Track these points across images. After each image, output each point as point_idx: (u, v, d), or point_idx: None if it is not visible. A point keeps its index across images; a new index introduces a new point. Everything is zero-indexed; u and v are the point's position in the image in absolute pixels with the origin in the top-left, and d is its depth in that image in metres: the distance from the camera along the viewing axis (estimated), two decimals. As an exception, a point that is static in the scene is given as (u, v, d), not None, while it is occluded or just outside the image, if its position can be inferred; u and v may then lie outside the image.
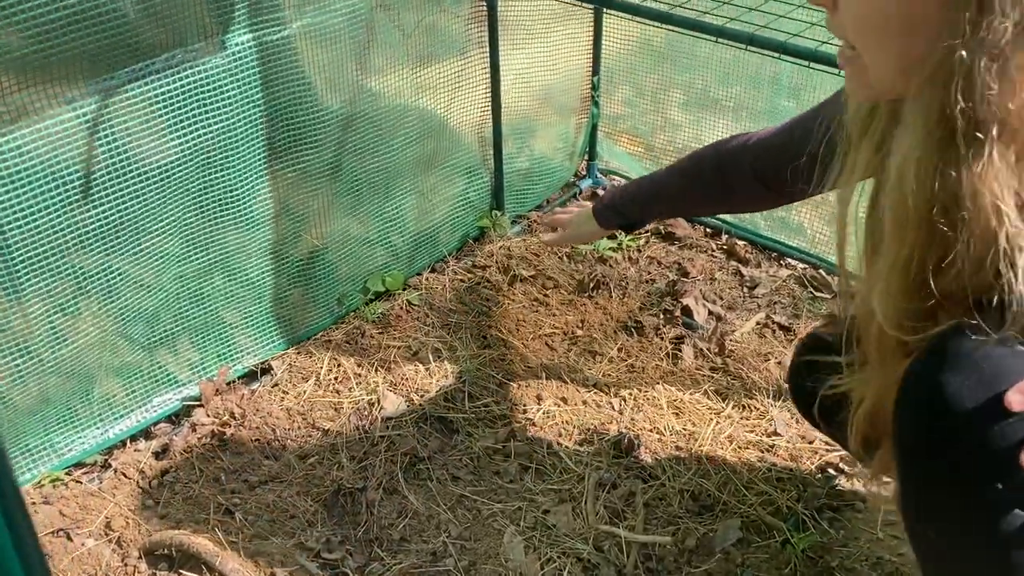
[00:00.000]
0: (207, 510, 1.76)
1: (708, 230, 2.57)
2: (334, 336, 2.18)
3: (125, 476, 1.84)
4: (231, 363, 2.05)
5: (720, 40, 1.79)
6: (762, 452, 1.87)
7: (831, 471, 1.82)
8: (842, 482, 1.80)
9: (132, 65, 1.56)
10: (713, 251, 2.49)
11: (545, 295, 2.31)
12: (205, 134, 1.72)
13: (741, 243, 2.49)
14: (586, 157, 2.78)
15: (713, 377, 2.05)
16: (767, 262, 2.45)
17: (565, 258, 2.44)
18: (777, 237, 2.47)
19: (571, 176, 2.79)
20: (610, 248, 2.47)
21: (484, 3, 2.18)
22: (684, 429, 1.92)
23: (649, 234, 2.54)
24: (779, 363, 2.07)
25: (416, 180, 2.26)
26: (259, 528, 1.72)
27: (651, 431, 1.92)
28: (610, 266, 2.40)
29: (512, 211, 2.57)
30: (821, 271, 2.37)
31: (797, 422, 1.93)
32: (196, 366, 2.00)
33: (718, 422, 1.93)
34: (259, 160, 1.86)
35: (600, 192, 2.73)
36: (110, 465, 1.86)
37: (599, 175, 2.79)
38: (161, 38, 1.58)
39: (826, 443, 1.86)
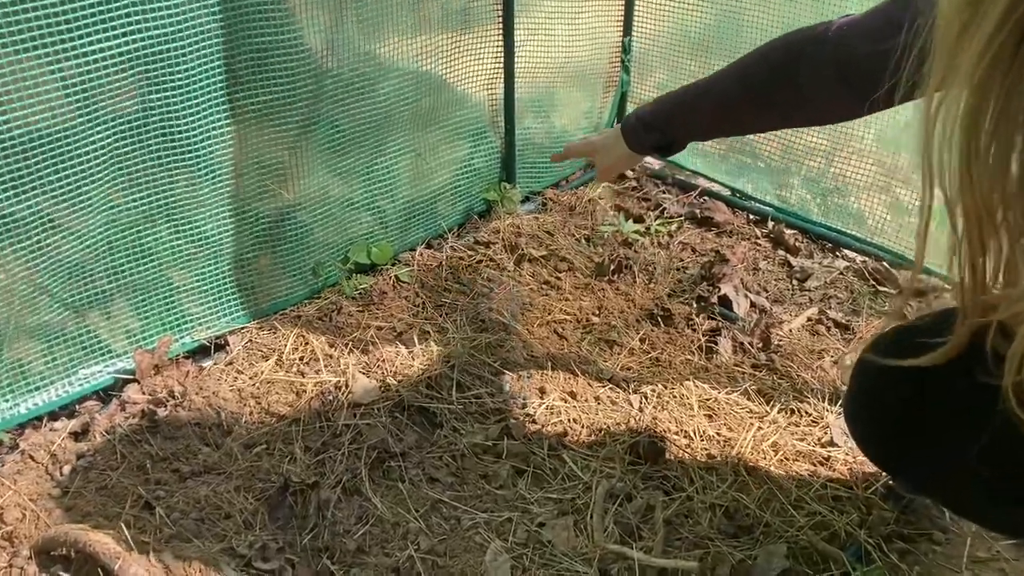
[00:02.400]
0: (123, 503, 1.42)
1: (751, 216, 2.22)
2: (305, 312, 1.85)
3: (33, 459, 1.51)
4: (178, 334, 1.73)
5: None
6: (814, 465, 1.50)
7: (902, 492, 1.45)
8: (916, 506, 1.42)
9: (45, -63, 1.26)
10: (757, 239, 2.14)
11: (557, 277, 1.97)
12: (142, 40, 1.40)
13: (790, 231, 2.14)
14: (613, 132, 2.45)
15: (756, 375, 1.69)
16: (820, 253, 2.09)
17: (583, 240, 2.10)
18: (833, 224, 2.12)
19: (595, 154, 2.46)
20: (636, 231, 2.13)
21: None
22: (718, 434, 1.56)
23: (682, 218, 2.20)
24: (835, 362, 1.71)
25: (410, 137, 1.93)
26: (182, 527, 1.37)
27: (677, 434, 1.56)
28: (635, 250, 2.05)
29: (525, 187, 2.24)
30: (885, 263, 2.01)
31: (858, 431, 1.57)
32: (135, 335, 1.67)
33: (760, 427, 1.57)
34: (214, 85, 1.54)
35: (629, 173, 2.39)
36: (18, 446, 1.54)
37: (627, 155, 2.45)
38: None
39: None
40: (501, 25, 1.98)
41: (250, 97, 1.59)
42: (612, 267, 1.96)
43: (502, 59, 2.03)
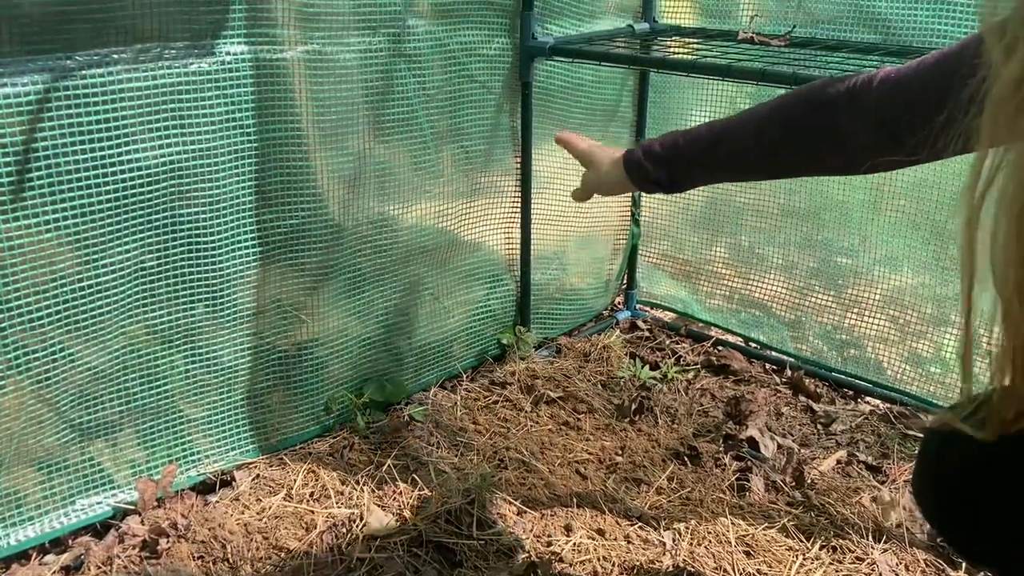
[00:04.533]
0: (115, 638, 1.30)
1: (768, 365, 2.19)
2: (316, 448, 1.77)
3: (18, 594, 1.39)
4: (184, 466, 1.64)
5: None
6: (866, 603, 1.40)
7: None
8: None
9: (97, 48, 1.29)
10: (777, 385, 2.10)
11: (577, 419, 1.91)
12: (177, 153, 1.42)
13: (809, 379, 2.10)
14: (624, 284, 2.46)
15: (792, 512, 1.61)
16: (841, 399, 2.05)
17: (599, 384, 2.05)
18: (852, 371, 2.09)
19: (607, 305, 2.46)
20: (652, 377, 2.09)
21: (520, 84, 1.95)
22: (759, 571, 1.46)
23: (698, 367, 2.17)
24: (874, 499, 1.63)
25: (428, 278, 1.93)
26: (180, 664, 1.25)
27: (716, 571, 1.46)
28: (654, 394, 2.01)
29: (539, 333, 2.21)
30: (910, 408, 1.96)
31: (907, 568, 1.47)
32: (139, 466, 1.59)
33: (804, 563, 1.47)
34: (243, 203, 1.55)
35: (641, 324, 2.38)
36: (2, 580, 1.42)
37: (638, 307, 2.45)
38: (138, 25, 1.32)
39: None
40: (519, 173, 2.03)
41: (277, 220, 1.60)
42: (633, 408, 1.91)
43: (519, 205, 2.07)
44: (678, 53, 1.90)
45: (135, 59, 1.33)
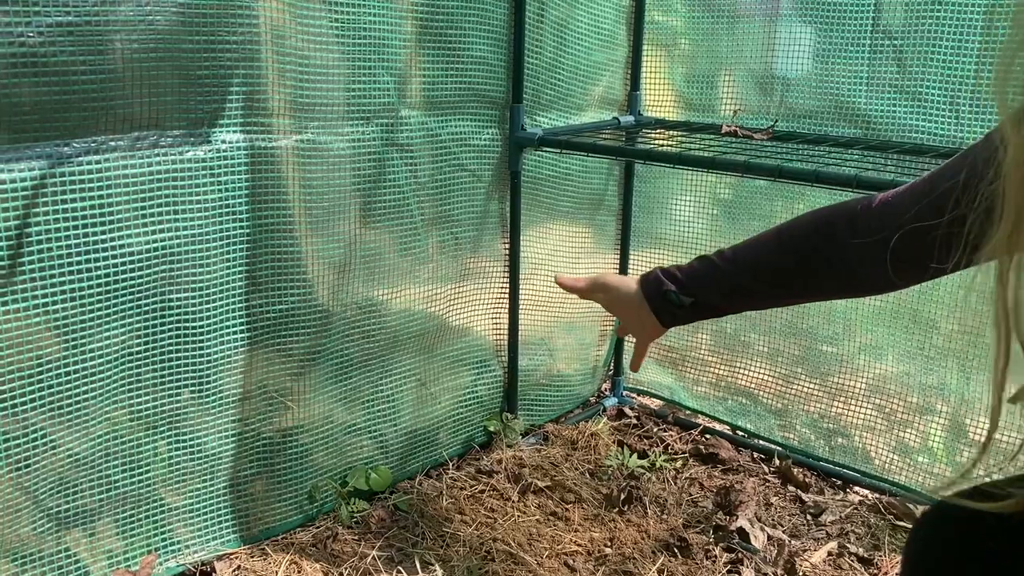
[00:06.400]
0: None
1: (756, 454, 2.18)
2: (299, 538, 1.73)
3: None
4: (163, 556, 1.60)
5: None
6: None
7: None
8: None
9: (94, 136, 1.31)
10: (765, 475, 2.08)
11: (565, 509, 1.88)
12: (169, 238, 1.43)
13: (797, 468, 2.09)
14: (611, 371, 2.46)
15: (784, 606, 1.58)
16: (831, 489, 2.04)
17: (587, 473, 2.03)
18: (840, 461, 2.08)
19: (594, 391, 2.45)
20: (641, 466, 2.07)
21: (509, 173, 1.98)
22: (753, 669, 1.43)
23: (687, 455, 2.15)
24: (868, 593, 1.61)
25: (415, 363, 1.92)
26: None
27: (709, 668, 1.42)
28: (643, 483, 1.99)
29: (526, 420, 2.20)
30: (899, 498, 1.95)
31: (904, 666, 1.44)
32: (116, 556, 1.54)
33: (798, 661, 1.44)
34: (233, 288, 1.54)
35: (629, 411, 2.37)
36: None
37: (625, 394, 2.45)
38: (135, 113, 1.34)
39: None
40: (507, 259, 2.05)
41: (267, 304, 1.59)
42: (622, 497, 1.89)
43: (507, 291, 2.08)
44: (663, 145, 1.94)
45: (131, 146, 1.34)
